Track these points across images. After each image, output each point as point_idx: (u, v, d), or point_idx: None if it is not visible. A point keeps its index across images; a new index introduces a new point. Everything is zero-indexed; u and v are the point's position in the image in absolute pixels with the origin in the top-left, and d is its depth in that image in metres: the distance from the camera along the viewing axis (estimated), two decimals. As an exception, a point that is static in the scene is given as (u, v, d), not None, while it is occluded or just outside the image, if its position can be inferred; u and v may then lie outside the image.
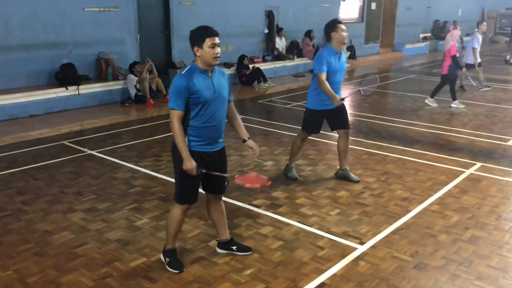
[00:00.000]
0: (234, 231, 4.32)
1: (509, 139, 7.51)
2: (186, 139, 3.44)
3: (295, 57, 14.58)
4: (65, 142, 7.18)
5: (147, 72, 9.93)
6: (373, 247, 4.10)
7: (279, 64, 14.02)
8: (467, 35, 24.45)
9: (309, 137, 5.89)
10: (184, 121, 3.43)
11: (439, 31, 22.04)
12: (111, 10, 10.16)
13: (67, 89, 9.17)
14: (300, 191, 5.31)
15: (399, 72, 15.44)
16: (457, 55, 9.62)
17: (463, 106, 9.85)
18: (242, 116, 7.34)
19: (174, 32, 11.56)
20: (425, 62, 17.92)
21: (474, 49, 11.15)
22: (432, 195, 5.26)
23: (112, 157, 6.49)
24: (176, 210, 3.65)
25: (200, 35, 3.36)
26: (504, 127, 8.31)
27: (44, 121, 8.42)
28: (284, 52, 14.42)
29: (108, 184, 5.49)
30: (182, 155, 3.40)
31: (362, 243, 4.15)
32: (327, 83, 5.17)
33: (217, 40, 3.37)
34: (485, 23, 11.92)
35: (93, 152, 6.68)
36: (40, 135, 7.57)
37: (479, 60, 11.21)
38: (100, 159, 6.41)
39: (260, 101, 10.60)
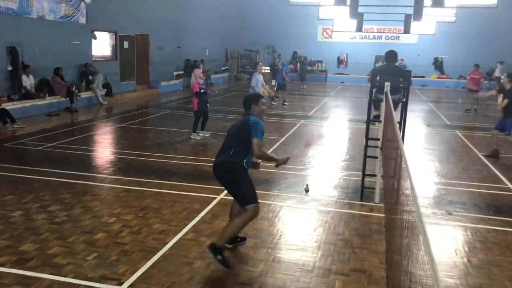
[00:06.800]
0: (-28, 298, 3.78)
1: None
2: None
3: (47, 95, 13.70)
4: None
5: None
6: (131, 285, 4.10)
7: (28, 103, 12.94)
8: (216, 72, 27.02)
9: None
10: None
11: (190, 69, 23.64)
12: None
13: None
14: (53, 240, 4.96)
15: (156, 108, 15.94)
16: (202, 90, 10.49)
17: (199, 137, 10.67)
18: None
19: None
20: (180, 98, 18.94)
21: (252, 87, 12.71)
22: (187, 224, 5.57)
23: None
24: (255, 209, 4.51)
25: None
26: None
27: None
28: (33, 90, 13.40)
29: None
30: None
31: (120, 284, 4.11)
32: None
33: None
34: (261, 63, 14.02)
35: None
36: None
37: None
38: None
39: (7, 145, 9.55)
